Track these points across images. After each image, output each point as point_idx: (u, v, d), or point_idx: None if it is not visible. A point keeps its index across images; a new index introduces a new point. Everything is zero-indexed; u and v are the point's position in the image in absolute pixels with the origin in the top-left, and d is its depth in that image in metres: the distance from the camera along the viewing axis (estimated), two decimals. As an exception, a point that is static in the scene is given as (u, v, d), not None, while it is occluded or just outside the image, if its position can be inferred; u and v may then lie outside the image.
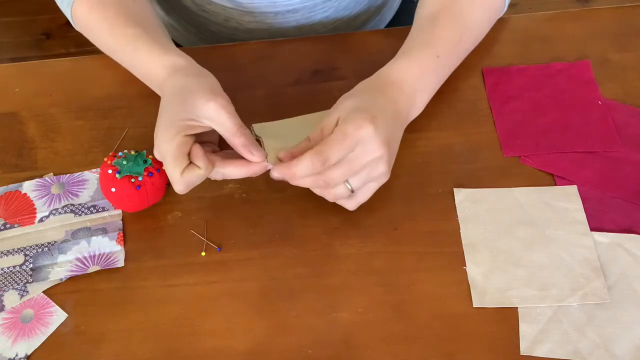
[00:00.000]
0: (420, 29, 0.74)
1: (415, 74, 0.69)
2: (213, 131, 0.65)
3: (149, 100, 0.78)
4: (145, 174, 0.66)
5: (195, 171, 0.63)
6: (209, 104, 0.62)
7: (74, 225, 0.69)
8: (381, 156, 0.62)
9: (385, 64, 0.71)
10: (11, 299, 0.65)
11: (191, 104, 0.63)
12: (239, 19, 0.88)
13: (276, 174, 0.63)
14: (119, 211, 0.70)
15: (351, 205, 0.66)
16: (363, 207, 0.69)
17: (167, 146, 0.62)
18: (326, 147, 0.61)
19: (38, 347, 0.63)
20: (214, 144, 0.68)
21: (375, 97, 0.66)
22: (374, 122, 0.61)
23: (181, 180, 0.62)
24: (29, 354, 0.62)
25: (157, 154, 0.64)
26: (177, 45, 0.91)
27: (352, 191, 0.64)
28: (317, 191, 0.65)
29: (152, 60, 0.70)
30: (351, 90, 0.68)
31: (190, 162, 0.63)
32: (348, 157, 0.62)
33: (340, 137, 0.61)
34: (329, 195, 0.64)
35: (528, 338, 0.61)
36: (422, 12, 0.75)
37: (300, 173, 0.61)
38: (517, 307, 0.63)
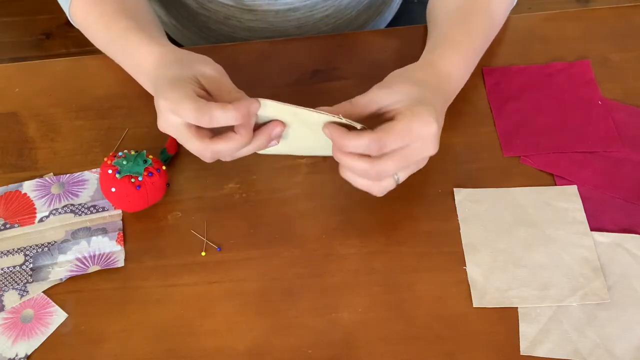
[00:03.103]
0: (455, 22, 0.72)
1: (463, 69, 0.69)
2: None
3: (149, 100, 0.78)
4: (145, 174, 0.66)
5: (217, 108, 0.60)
6: (207, 65, 0.64)
7: (74, 225, 0.69)
8: (431, 151, 0.62)
9: (385, 64, 0.71)
10: (11, 299, 0.65)
11: (191, 67, 0.63)
12: (239, 17, 0.88)
13: (327, 131, 0.60)
14: (119, 211, 0.70)
15: (380, 191, 0.63)
16: (363, 207, 0.69)
17: (179, 92, 0.60)
18: (388, 135, 0.59)
19: (38, 347, 0.63)
20: None
21: (435, 91, 0.64)
22: (437, 121, 0.60)
23: (204, 110, 0.59)
24: (29, 354, 0.62)
25: (164, 114, 0.61)
26: (178, 44, 0.91)
27: (397, 183, 0.62)
28: (361, 183, 0.62)
29: (140, 50, 0.69)
30: (406, 73, 0.65)
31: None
32: (404, 151, 0.60)
33: (405, 131, 0.59)
34: (376, 188, 0.62)
35: (528, 338, 0.61)
36: (449, 5, 0.74)
37: (351, 147, 0.59)
38: (517, 307, 0.63)
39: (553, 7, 1.86)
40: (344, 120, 0.60)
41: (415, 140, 0.60)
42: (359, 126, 0.60)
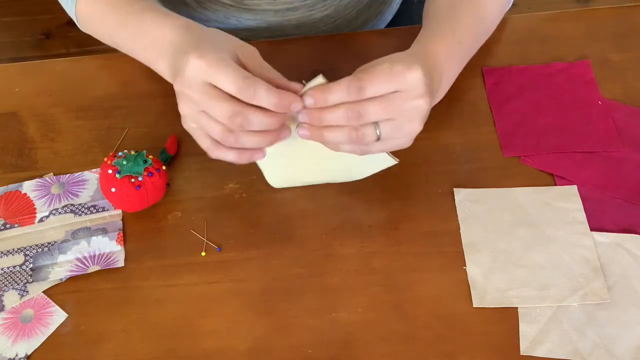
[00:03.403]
0: (440, 16, 0.72)
1: (443, 57, 0.67)
2: None
3: (149, 100, 0.78)
4: (145, 174, 0.66)
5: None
6: (245, 44, 0.61)
7: (74, 225, 0.69)
8: (420, 107, 0.59)
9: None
10: (11, 299, 0.65)
11: (229, 39, 0.61)
12: (239, 17, 0.88)
13: (309, 99, 0.58)
14: (119, 211, 0.70)
15: (376, 149, 0.62)
16: (363, 207, 0.69)
17: (219, 54, 0.57)
18: (368, 75, 0.57)
19: (38, 347, 0.63)
20: None
21: (423, 60, 0.62)
22: (423, 70, 0.58)
23: (250, 82, 0.56)
24: (29, 354, 0.62)
25: (193, 72, 0.57)
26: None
27: (378, 139, 0.60)
28: (341, 135, 0.60)
29: (158, 25, 0.67)
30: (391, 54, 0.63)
31: None
32: (388, 96, 0.58)
33: (386, 72, 0.57)
34: (355, 136, 0.59)
35: (528, 338, 0.61)
36: (440, 3, 0.73)
37: (333, 98, 0.57)
38: (517, 307, 0.63)
39: (553, 7, 1.86)
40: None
41: (398, 86, 0.58)
42: None
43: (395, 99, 0.58)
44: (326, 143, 0.62)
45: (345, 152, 0.62)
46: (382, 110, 0.58)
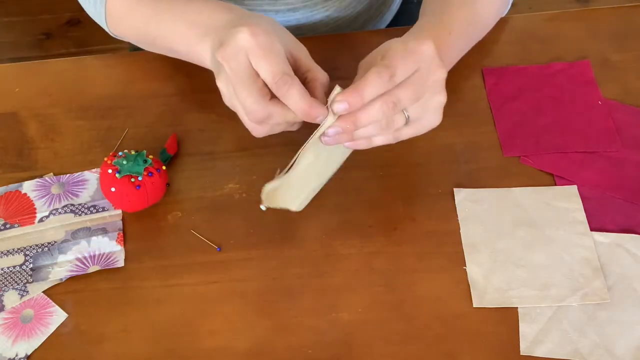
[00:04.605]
0: (431, 10, 0.72)
1: (438, 47, 0.65)
2: None
3: (149, 100, 0.78)
4: (145, 173, 0.66)
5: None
6: (300, 43, 0.61)
7: (74, 225, 0.69)
8: (440, 78, 0.58)
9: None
10: (11, 299, 0.65)
11: (284, 31, 0.60)
12: (238, 17, 0.88)
13: (342, 105, 0.55)
14: (119, 211, 0.70)
15: (407, 133, 0.60)
16: (363, 207, 0.69)
17: (274, 39, 0.56)
18: (392, 61, 0.55)
19: (38, 347, 0.63)
20: None
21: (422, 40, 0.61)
22: (432, 43, 0.58)
23: (287, 80, 0.55)
24: (29, 354, 0.62)
25: (240, 47, 0.56)
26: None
27: (406, 122, 0.59)
28: (372, 129, 0.58)
29: (209, 6, 0.65)
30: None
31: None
32: (412, 78, 0.57)
33: (404, 52, 0.56)
34: (385, 124, 0.58)
35: (528, 338, 0.61)
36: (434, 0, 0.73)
37: (369, 92, 0.55)
38: (517, 307, 0.63)
39: (553, 7, 1.87)
40: None
41: (419, 62, 0.57)
42: None
43: (419, 78, 0.57)
44: (357, 143, 0.60)
45: (378, 144, 0.60)
46: (412, 94, 0.57)
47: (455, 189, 0.70)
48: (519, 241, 0.67)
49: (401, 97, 0.56)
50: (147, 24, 0.72)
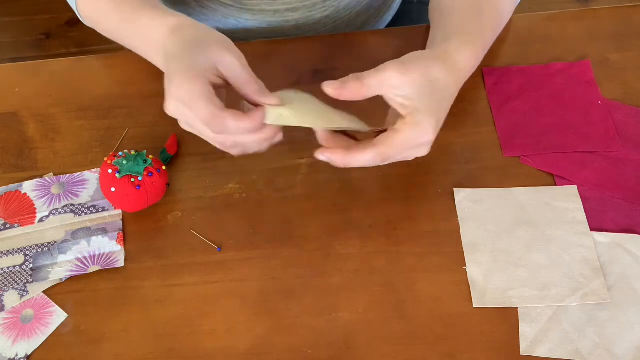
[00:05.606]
0: (468, 15, 0.71)
1: (474, 62, 0.68)
2: (220, 92, 0.63)
3: (149, 100, 0.78)
4: (145, 173, 0.66)
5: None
6: (227, 52, 0.62)
7: (74, 225, 0.69)
8: (425, 151, 0.64)
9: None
10: (11, 299, 0.65)
11: (210, 53, 0.61)
12: (238, 17, 0.88)
13: (330, 157, 0.62)
14: (119, 211, 0.70)
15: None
16: (363, 207, 0.69)
17: (195, 86, 0.59)
18: (390, 150, 0.61)
19: (38, 347, 0.63)
20: None
21: (446, 92, 0.64)
22: (436, 130, 0.62)
23: (218, 119, 0.59)
24: (29, 354, 0.62)
25: (174, 101, 0.60)
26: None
27: None
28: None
29: (154, 24, 0.67)
30: (425, 62, 0.63)
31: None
32: (401, 156, 0.63)
33: (405, 144, 0.62)
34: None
35: (528, 338, 0.61)
36: None
37: (356, 163, 0.62)
38: (517, 307, 0.63)
39: (553, 7, 1.87)
40: (367, 129, 0.63)
41: (412, 148, 0.62)
42: (367, 129, 0.62)
43: (406, 157, 0.64)
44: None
45: None
46: (400, 157, 0.63)
47: (455, 189, 0.70)
48: (519, 241, 0.67)
49: (390, 157, 0.63)
50: (115, 30, 0.74)
